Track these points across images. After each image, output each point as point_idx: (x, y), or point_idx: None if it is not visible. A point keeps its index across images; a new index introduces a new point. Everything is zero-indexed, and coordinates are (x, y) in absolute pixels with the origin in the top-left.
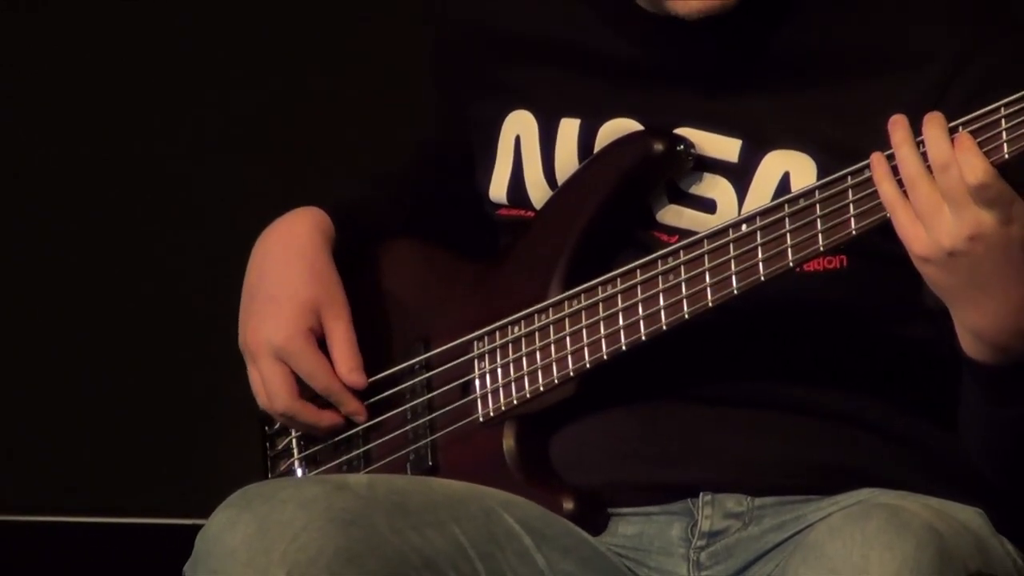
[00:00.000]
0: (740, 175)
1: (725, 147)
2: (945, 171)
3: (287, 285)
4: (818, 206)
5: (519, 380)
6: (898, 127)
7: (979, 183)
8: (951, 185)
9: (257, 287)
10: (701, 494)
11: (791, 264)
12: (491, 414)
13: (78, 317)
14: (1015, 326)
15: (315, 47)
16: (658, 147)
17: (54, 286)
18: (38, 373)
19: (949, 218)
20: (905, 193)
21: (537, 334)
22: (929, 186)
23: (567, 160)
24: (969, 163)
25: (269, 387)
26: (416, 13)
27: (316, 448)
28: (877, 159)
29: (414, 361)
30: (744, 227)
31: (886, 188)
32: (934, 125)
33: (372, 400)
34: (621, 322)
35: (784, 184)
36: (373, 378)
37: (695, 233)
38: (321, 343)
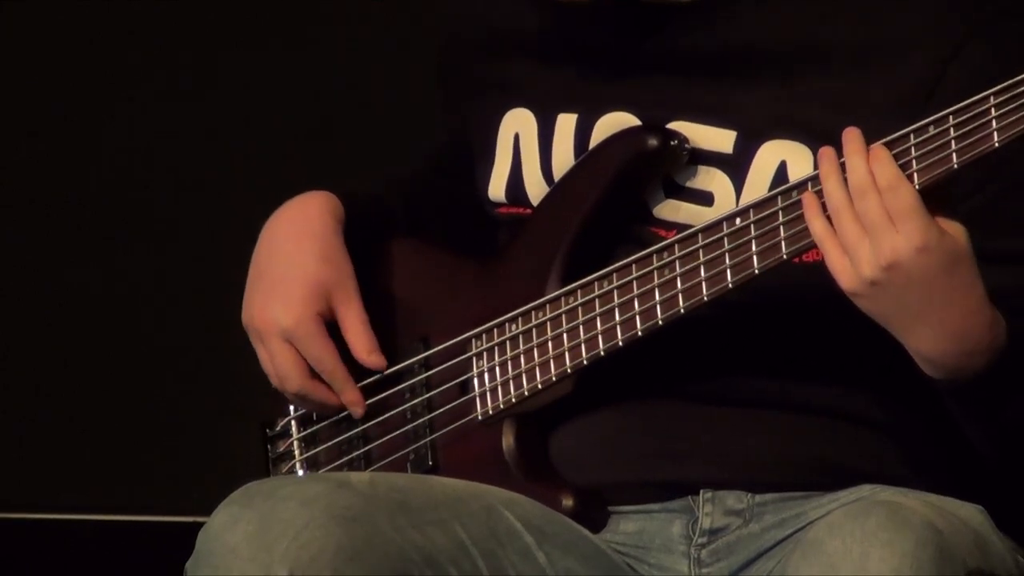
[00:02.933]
0: (736, 167)
1: (720, 139)
2: (863, 197)
3: (298, 266)
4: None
5: (517, 378)
6: (824, 159)
7: (887, 184)
8: (868, 211)
9: (267, 266)
10: (702, 491)
11: (785, 256)
12: (490, 413)
13: (78, 317)
14: (959, 349)
15: (324, 46)
16: (652, 143)
17: (55, 286)
18: (38, 373)
19: (869, 248)
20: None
21: (534, 331)
22: (851, 217)
23: (564, 156)
24: (881, 171)
25: (280, 369)
26: (426, 13)
27: (317, 450)
28: (808, 198)
29: (413, 360)
30: (738, 220)
31: (816, 225)
32: (852, 151)
33: (372, 400)
34: (617, 318)
35: (781, 174)
36: (373, 378)
37: (693, 227)
38: (330, 326)
